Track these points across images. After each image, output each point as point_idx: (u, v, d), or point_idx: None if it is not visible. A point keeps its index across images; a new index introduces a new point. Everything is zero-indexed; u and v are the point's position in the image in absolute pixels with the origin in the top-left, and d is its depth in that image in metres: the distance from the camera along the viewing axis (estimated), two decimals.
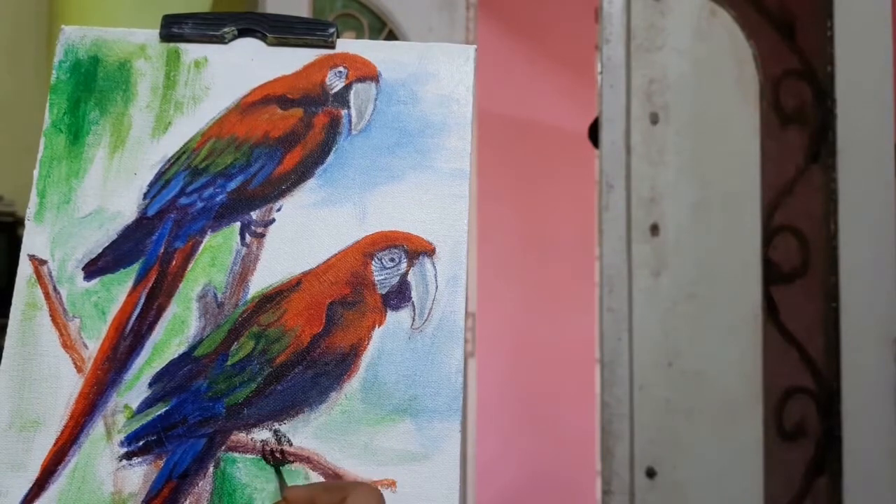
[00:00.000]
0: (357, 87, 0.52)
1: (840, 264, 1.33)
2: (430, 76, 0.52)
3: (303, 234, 0.50)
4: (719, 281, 1.35)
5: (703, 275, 1.35)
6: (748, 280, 1.35)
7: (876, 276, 1.33)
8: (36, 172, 0.50)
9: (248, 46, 0.52)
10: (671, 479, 1.32)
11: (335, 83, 0.52)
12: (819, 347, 1.34)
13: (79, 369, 0.47)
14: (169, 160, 0.51)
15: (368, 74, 0.52)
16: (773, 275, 1.35)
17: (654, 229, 1.35)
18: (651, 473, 1.32)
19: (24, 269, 0.49)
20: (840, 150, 1.34)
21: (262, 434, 0.47)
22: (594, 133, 1.47)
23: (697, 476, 1.32)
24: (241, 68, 0.52)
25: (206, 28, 0.52)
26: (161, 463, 0.46)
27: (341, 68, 0.52)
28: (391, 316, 0.49)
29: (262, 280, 0.49)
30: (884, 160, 1.34)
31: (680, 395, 1.33)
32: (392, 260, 0.49)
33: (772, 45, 1.38)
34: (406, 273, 0.49)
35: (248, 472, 0.46)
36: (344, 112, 0.51)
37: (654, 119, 1.36)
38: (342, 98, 0.52)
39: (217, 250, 0.49)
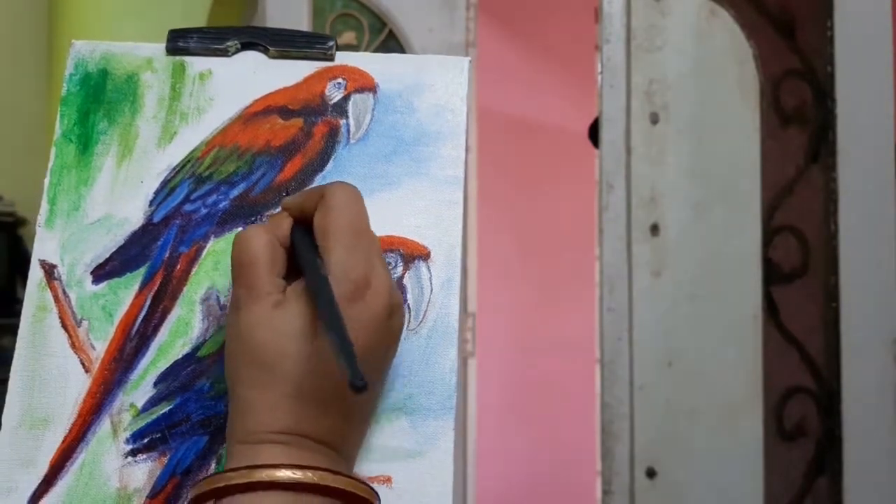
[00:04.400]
0: (355, 97, 0.53)
1: (840, 264, 1.33)
2: (426, 87, 0.53)
3: None
4: (719, 281, 1.36)
5: (703, 275, 1.36)
6: (748, 280, 1.35)
7: (876, 276, 1.33)
8: (47, 181, 0.51)
9: (251, 59, 0.54)
10: (671, 479, 1.32)
11: (334, 94, 0.53)
12: (819, 347, 1.34)
13: (87, 370, 0.48)
14: (174, 168, 0.52)
15: (366, 85, 0.53)
16: (773, 275, 1.35)
17: (654, 229, 1.35)
18: (651, 473, 1.32)
19: (35, 273, 0.50)
20: (840, 150, 1.34)
21: None
22: (594, 133, 1.48)
23: (697, 476, 1.32)
24: (243, 80, 0.53)
25: (211, 42, 0.54)
26: (165, 459, 0.47)
27: (340, 80, 0.53)
28: None
29: None
30: (884, 160, 1.34)
31: (680, 395, 1.33)
32: (388, 264, 0.50)
33: (772, 45, 1.38)
34: (402, 276, 0.50)
35: None
36: (342, 122, 0.53)
37: (654, 119, 1.37)
38: (341, 108, 0.53)
39: (220, 255, 0.50)
